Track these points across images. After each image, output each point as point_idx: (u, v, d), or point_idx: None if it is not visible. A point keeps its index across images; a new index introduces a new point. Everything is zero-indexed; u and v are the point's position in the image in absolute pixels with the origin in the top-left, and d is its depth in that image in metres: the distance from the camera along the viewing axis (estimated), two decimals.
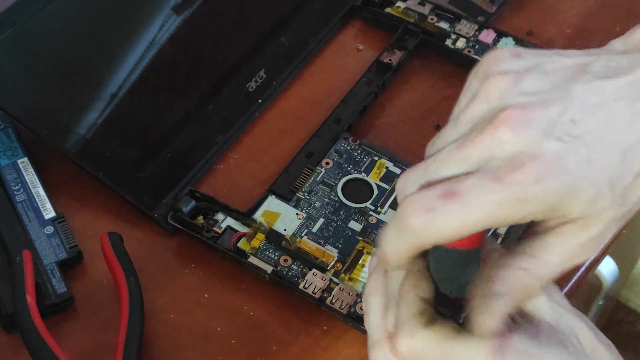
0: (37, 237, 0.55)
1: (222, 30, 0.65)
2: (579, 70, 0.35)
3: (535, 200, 0.33)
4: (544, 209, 0.34)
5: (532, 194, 0.33)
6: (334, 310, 0.52)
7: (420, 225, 0.34)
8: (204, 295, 0.54)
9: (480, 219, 0.33)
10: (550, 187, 0.33)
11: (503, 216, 0.34)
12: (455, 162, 0.35)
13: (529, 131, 0.33)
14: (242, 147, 0.63)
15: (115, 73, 0.60)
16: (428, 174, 0.35)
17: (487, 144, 0.34)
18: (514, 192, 0.33)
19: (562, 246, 0.36)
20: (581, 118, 0.34)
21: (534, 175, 0.33)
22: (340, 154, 0.60)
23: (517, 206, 0.33)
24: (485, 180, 0.33)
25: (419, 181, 0.36)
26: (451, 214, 0.34)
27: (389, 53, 0.66)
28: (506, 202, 0.33)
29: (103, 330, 0.52)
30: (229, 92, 0.63)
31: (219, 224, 0.56)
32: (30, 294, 0.50)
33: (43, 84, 0.58)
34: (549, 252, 0.36)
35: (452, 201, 0.33)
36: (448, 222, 0.34)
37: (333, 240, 0.55)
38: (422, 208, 0.34)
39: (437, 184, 0.35)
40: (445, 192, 0.34)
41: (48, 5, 0.58)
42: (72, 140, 0.57)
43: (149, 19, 0.61)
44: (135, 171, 0.58)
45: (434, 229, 0.34)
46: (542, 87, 0.35)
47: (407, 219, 0.34)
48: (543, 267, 0.36)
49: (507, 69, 0.35)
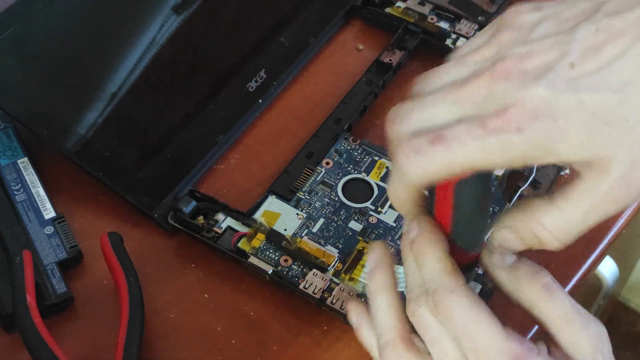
0: (37, 237, 0.54)
1: (222, 30, 0.65)
2: (592, 10, 0.35)
3: (518, 147, 0.34)
4: (532, 154, 0.35)
5: (513, 140, 0.34)
6: (334, 310, 0.52)
7: (409, 166, 0.36)
8: (204, 295, 0.54)
9: (465, 162, 0.35)
10: (531, 133, 0.34)
11: (488, 160, 0.35)
12: (450, 103, 0.36)
13: (520, 79, 0.34)
14: (242, 147, 0.62)
15: (115, 73, 0.60)
16: (422, 114, 0.37)
17: (481, 88, 0.35)
18: (495, 138, 0.34)
19: (580, 194, 0.36)
20: (581, 61, 0.34)
21: (515, 121, 0.34)
22: (341, 154, 0.60)
23: (501, 152, 0.35)
24: (472, 127, 0.35)
25: (412, 122, 0.37)
26: (436, 156, 0.35)
27: (389, 53, 0.65)
28: (489, 148, 0.34)
29: (103, 330, 0.52)
30: (229, 92, 0.63)
31: (219, 224, 0.56)
32: (30, 294, 0.50)
33: (43, 84, 0.58)
34: (567, 200, 0.36)
35: (439, 145, 0.35)
36: (434, 163, 0.36)
37: (333, 241, 0.55)
38: (412, 151, 0.36)
39: (430, 130, 0.36)
40: (434, 137, 0.36)
41: (48, 5, 0.58)
42: (72, 140, 0.57)
43: (149, 18, 0.61)
44: (135, 171, 0.58)
45: (421, 169, 0.36)
46: (549, 34, 0.35)
47: (399, 162, 0.37)
48: (559, 217, 0.37)
49: (522, 22, 0.36)
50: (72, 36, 0.60)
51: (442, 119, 0.36)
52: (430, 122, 0.36)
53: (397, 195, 0.39)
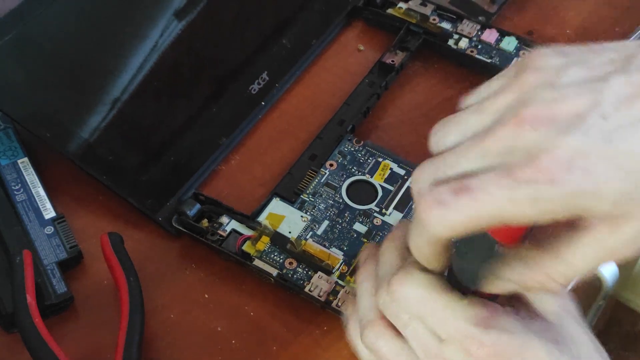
0: (37, 237, 0.54)
1: (224, 33, 0.65)
2: (623, 61, 0.33)
3: (551, 201, 0.32)
4: (564, 210, 0.32)
5: (546, 193, 0.32)
6: (340, 313, 0.51)
7: (432, 220, 0.34)
8: (204, 295, 0.54)
9: (492, 214, 0.33)
10: (565, 185, 0.32)
11: (516, 213, 0.33)
12: (475, 156, 0.34)
13: (550, 126, 0.32)
14: (246, 150, 0.62)
15: (118, 76, 0.59)
16: (446, 167, 0.35)
17: (508, 137, 0.33)
18: (526, 189, 0.32)
19: (589, 248, 0.34)
20: (613, 112, 0.32)
21: (548, 173, 0.32)
22: (344, 156, 0.59)
23: (531, 205, 0.32)
24: (499, 176, 0.33)
25: (435, 174, 0.35)
26: (462, 209, 0.33)
27: (391, 54, 0.65)
28: (518, 200, 0.32)
29: (103, 330, 0.52)
30: (231, 94, 0.63)
31: (224, 227, 0.55)
32: (30, 293, 0.50)
33: (46, 88, 0.58)
34: (575, 254, 0.35)
35: (464, 196, 0.33)
36: (458, 215, 0.33)
37: (338, 243, 0.55)
38: (435, 202, 0.34)
39: (453, 180, 0.34)
40: (459, 187, 0.33)
41: (50, 9, 0.58)
42: (76, 144, 0.57)
43: (152, 22, 0.61)
44: (139, 174, 0.58)
45: (445, 223, 0.34)
46: (578, 81, 0.33)
47: (421, 214, 0.35)
48: (566, 268, 0.35)
49: (545, 65, 0.34)
50: (74, 39, 0.60)
51: (467, 168, 0.34)
52: (454, 171, 0.34)
53: (420, 249, 0.38)
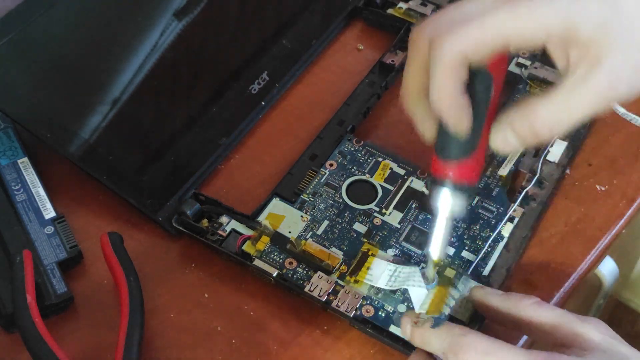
0: (37, 237, 0.54)
1: (224, 34, 0.65)
2: None
3: (546, 16, 0.38)
4: (558, 26, 0.38)
5: (543, 9, 0.38)
6: (340, 313, 0.51)
7: (446, 44, 0.39)
8: (204, 295, 0.54)
9: (497, 34, 0.38)
10: (560, 6, 0.37)
11: (518, 29, 0.38)
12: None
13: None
14: (246, 150, 0.62)
15: (118, 77, 0.59)
16: (449, 11, 0.40)
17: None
18: (526, 7, 0.38)
19: (573, 87, 0.39)
20: None
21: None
22: (344, 156, 0.59)
23: (529, 19, 0.38)
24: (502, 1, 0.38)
25: (442, 15, 0.40)
26: (471, 32, 0.39)
27: (391, 54, 0.65)
28: (519, 15, 0.38)
29: (103, 330, 0.52)
30: (232, 94, 0.63)
31: (224, 227, 0.55)
32: (30, 293, 0.50)
33: (46, 88, 0.58)
34: (562, 94, 0.39)
35: (473, 21, 0.39)
36: (468, 39, 0.39)
37: (338, 243, 0.55)
38: (447, 31, 0.39)
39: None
40: (465, 17, 0.39)
41: (50, 9, 0.58)
42: (76, 144, 0.57)
43: (152, 22, 0.61)
44: (139, 175, 0.58)
45: (459, 45, 0.39)
46: None
47: (436, 41, 0.39)
48: (554, 109, 0.40)
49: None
50: (74, 40, 0.60)
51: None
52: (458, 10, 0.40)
53: (440, 90, 0.40)
